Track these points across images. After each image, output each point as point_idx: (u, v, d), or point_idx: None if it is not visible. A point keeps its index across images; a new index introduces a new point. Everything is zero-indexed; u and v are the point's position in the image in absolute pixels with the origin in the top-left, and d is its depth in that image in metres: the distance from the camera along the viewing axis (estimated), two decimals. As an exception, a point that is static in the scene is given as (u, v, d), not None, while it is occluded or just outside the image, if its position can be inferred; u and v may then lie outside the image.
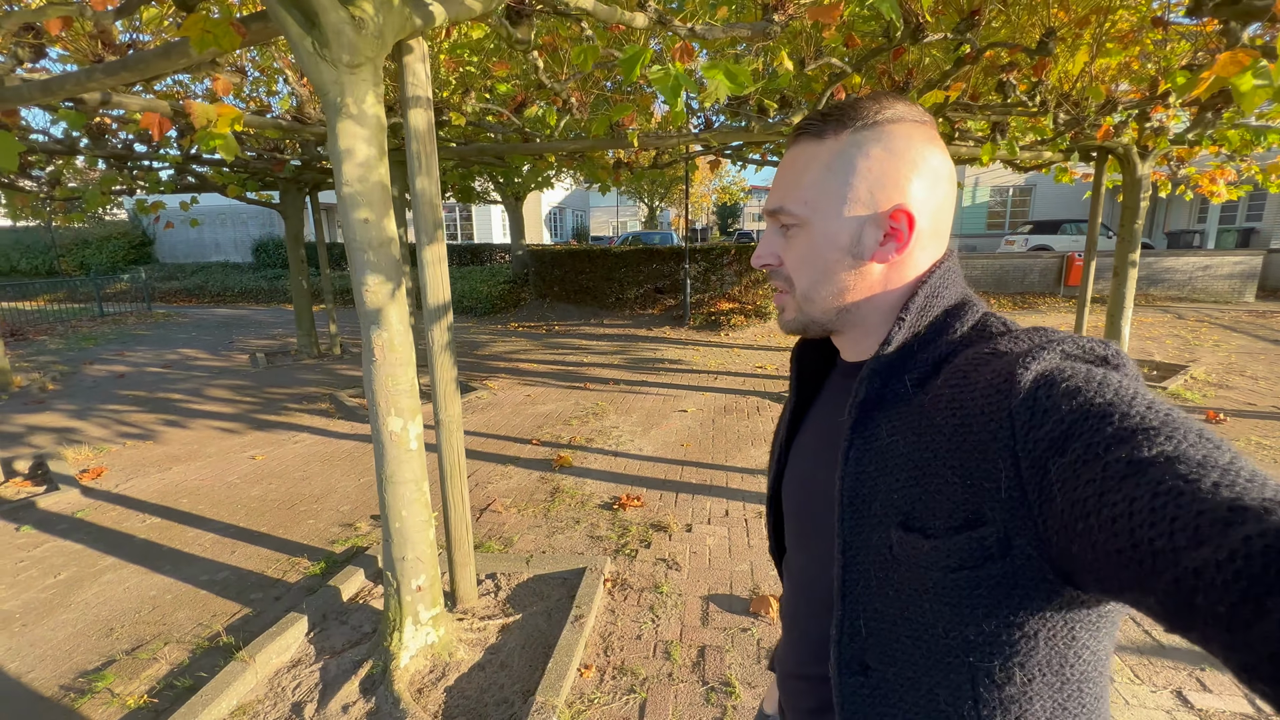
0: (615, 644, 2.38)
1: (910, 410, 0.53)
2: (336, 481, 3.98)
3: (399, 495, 2.14)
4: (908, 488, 0.50)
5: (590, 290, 10.75)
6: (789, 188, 0.60)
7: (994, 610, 0.46)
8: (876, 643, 0.53)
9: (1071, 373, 0.44)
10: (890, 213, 0.56)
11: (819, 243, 0.58)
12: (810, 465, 0.66)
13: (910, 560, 0.49)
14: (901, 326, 0.55)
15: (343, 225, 1.95)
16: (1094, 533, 0.38)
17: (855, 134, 0.56)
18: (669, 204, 31.75)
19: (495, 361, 7.80)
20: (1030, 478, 0.43)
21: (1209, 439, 0.38)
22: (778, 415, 4.94)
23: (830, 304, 0.60)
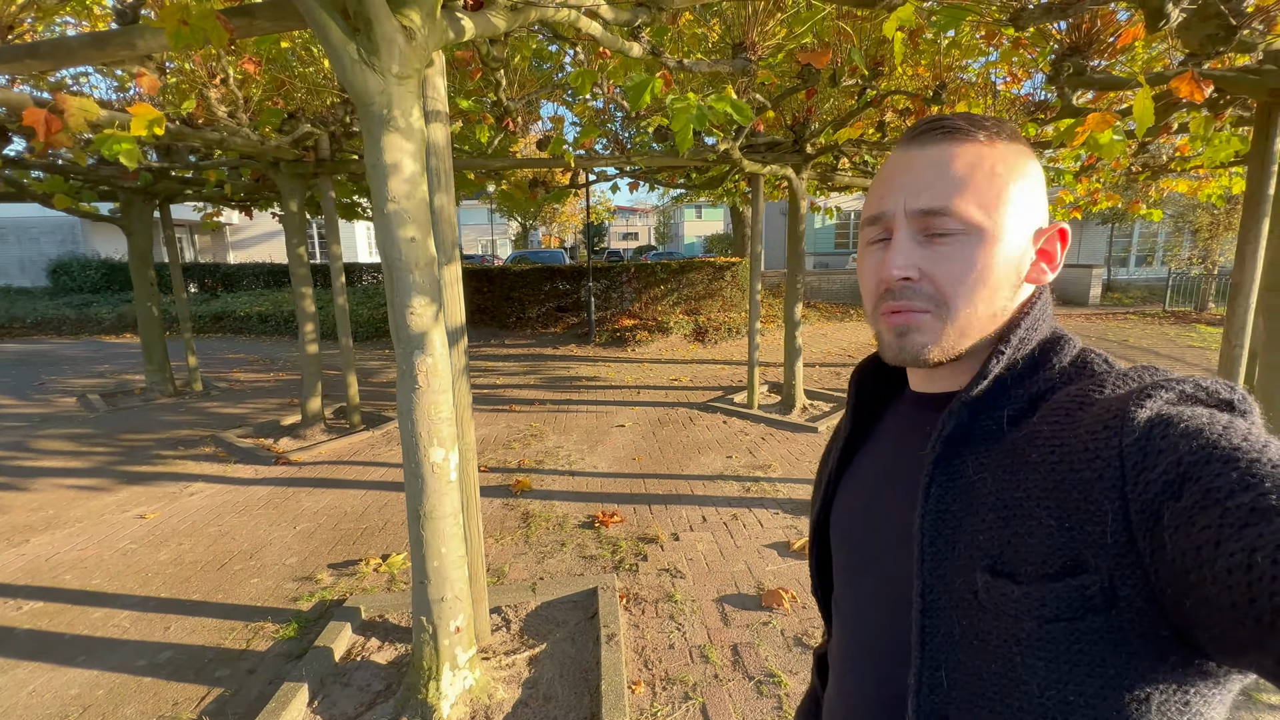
0: (652, 657, 2.40)
1: (1000, 448, 0.49)
2: (266, 533, 3.50)
3: (439, 531, 2.00)
4: (996, 529, 0.46)
5: (489, 310, 10.40)
6: (953, 188, 0.51)
7: (1096, 669, 0.42)
8: (960, 696, 0.48)
9: (1192, 415, 0.41)
10: (1050, 231, 0.53)
11: (997, 255, 0.51)
12: (870, 499, 0.62)
13: (999, 608, 0.45)
14: (1000, 360, 0.51)
15: (383, 244, 1.81)
16: (1208, 584, 0.35)
17: (1006, 142, 0.52)
18: (540, 223, 31.64)
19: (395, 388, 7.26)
20: (1140, 522, 0.39)
21: None
22: (709, 425, 5.27)
23: (981, 327, 0.53)
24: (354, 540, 3.40)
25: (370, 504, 3.89)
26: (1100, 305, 14.53)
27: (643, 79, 2.42)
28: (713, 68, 2.80)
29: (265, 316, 12.06)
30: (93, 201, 6.37)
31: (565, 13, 2.24)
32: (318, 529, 3.55)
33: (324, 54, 4.17)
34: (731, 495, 3.92)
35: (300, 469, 4.57)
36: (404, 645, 2.51)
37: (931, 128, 0.53)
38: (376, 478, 4.36)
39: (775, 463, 4.48)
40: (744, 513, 3.65)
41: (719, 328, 9.96)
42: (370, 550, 3.28)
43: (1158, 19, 2.16)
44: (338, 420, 5.87)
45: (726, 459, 4.61)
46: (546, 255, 14.99)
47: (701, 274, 10.50)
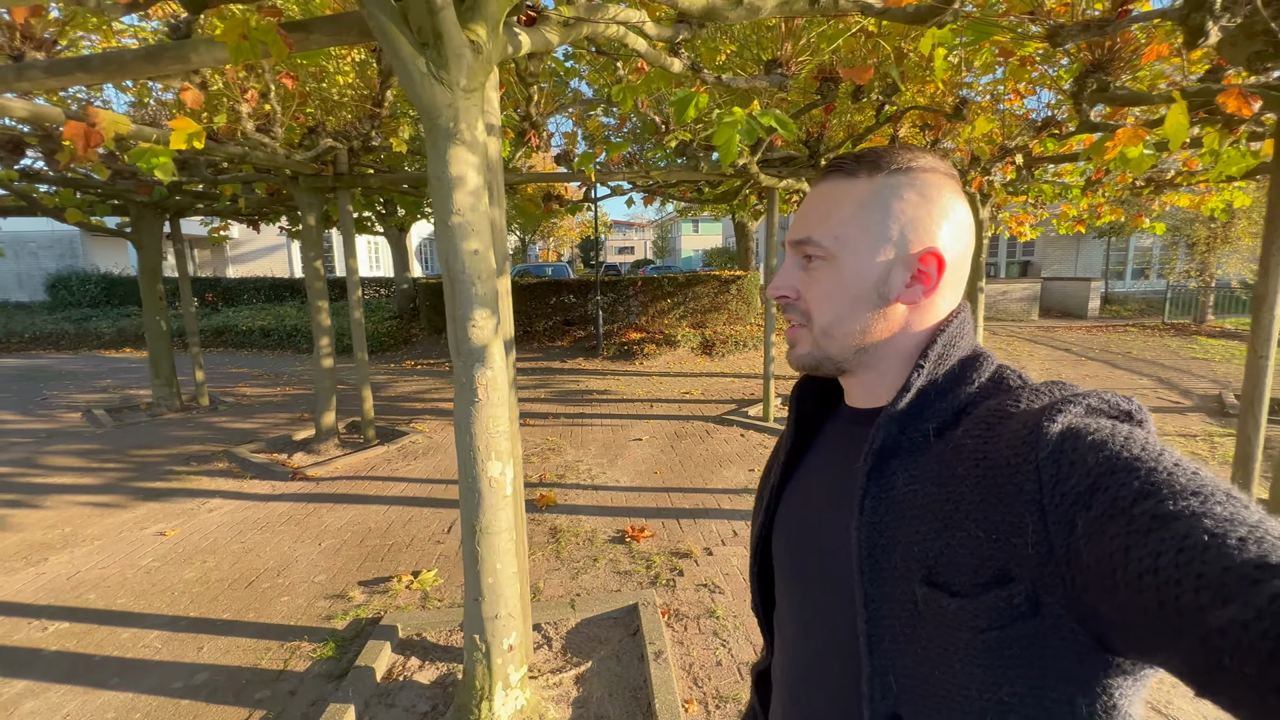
0: (700, 674, 2.36)
1: (928, 459, 0.52)
2: (291, 550, 3.44)
3: (495, 547, 1.97)
4: (929, 541, 0.49)
5: (495, 324, 10.40)
6: (818, 221, 0.58)
7: (1025, 672, 0.45)
8: (910, 698, 0.50)
9: (1097, 427, 0.44)
10: (921, 255, 0.56)
11: (846, 279, 0.57)
12: (810, 513, 0.64)
13: (937, 619, 0.48)
14: (920, 373, 0.54)
15: (446, 257, 1.80)
16: (1120, 590, 0.37)
17: (890, 176, 0.57)
18: (538, 237, 31.77)
19: (408, 403, 7.21)
20: (1057, 533, 0.42)
21: (1236, 497, 0.37)
22: (727, 438, 5.25)
23: (849, 342, 0.59)
24: (381, 557, 3.35)
25: (394, 520, 3.84)
26: (1100, 318, 14.66)
27: (687, 93, 2.42)
28: (750, 83, 2.83)
29: (268, 331, 11.99)
30: (104, 216, 6.34)
31: (614, 29, 2.27)
32: (343, 545, 3.49)
33: (338, 71, 4.19)
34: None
35: (318, 484, 4.51)
36: (445, 664, 2.46)
37: (828, 166, 0.60)
38: (397, 493, 4.31)
39: (799, 476, 4.46)
40: (774, 526, 3.62)
41: (726, 341, 9.97)
42: (399, 567, 3.22)
43: (1197, 36, 2.20)
44: (351, 435, 5.81)
45: (749, 472, 4.59)
46: (552, 270, 15.02)
47: (707, 287, 10.54)
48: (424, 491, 4.33)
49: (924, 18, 2.03)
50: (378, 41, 2.56)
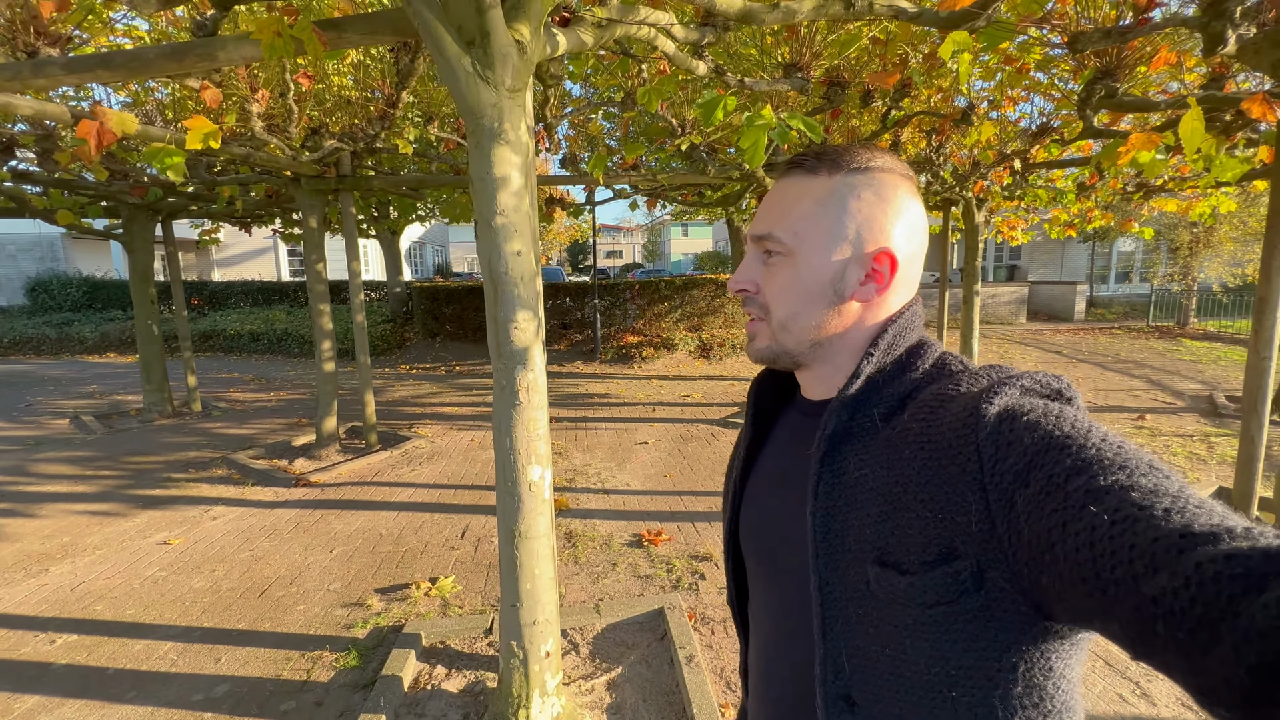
0: (732, 679, 2.35)
1: (877, 444, 0.53)
2: (302, 557, 3.37)
3: (534, 552, 1.95)
4: (880, 522, 0.50)
5: (492, 327, 10.33)
6: (778, 216, 0.60)
7: (972, 644, 0.47)
8: (861, 679, 0.52)
9: (1030, 407, 0.46)
10: (875, 254, 0.57)
11: (803, 275, 0.59)
12: (771, 503, 0.65)
13: (888, 597, 0.49)
14: (870, 361, 0.56)
15: (488, 258, 1.78)
16: (1060, 563, 0.39)
17: (848, 175, 0.58)
18: (529, 240, 31.58)
19: (407, 407, 7.13)
20: (998, 510, 0.43)
21: (1158, 468, 0.39)
22: (733, 441, 5.24)
23: (805, 336, 0.60)
24: (396, 564, 3.29)
25: (405, 526, 3.78)
26: (1086, 320, 14.93)
27: (714, 96, 2.43)
28: (772, 87, 2.84)
29: (256, 335, 11.80)
30: (95, 217, 6.21)
31: (646, 31, 2.26)
32: (355, 552, 3.43)
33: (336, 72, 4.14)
34: (773, 511, 3.90)
35: (323, 491, 4.44)
36: (473, 672, 2.42)
37: (790, 163, 0.61)
38: (404, 499, 4.25)
39: (809, 478, 4.47)
40: (790, 529, 3.63)
41: (723, 344, 10.00)
42: (416, 574, 3.17)
43: (1217, 43, 2.25)
44: (352, 440, 5.73)
45: (758, 475, 4.59)
46: (546, 273, 14.95)
47: (704, 291, 10.56)
48: (432, 497, 4.28)
49: (956, 22, 2.05)
50: (413, 39, 2.54)
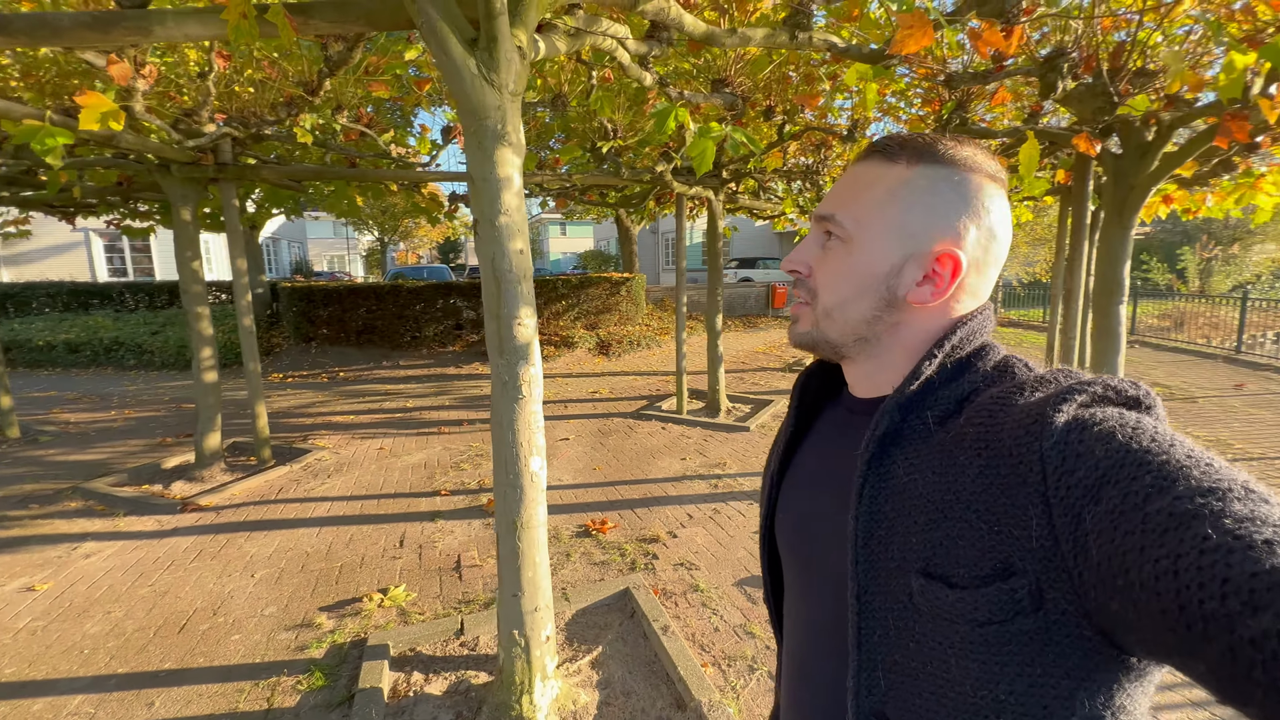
0: (704, 641, 2.57)
1: (930, 448, 0.50)
2: (218, 586, 3.05)
3: (534, 540, 2.02)
4: (928, 531, 0.47)
5: (380, 330, 9.64)
6: (846, 200, 0.57)
7: (1025, 669, 0.43)
8: (897, 696, 0.49)
9: (1104, 416, 0.42)
10: (938, 255, 0.54)
11: (858, 264, 0.56)
12: (811, 502, 0.63)
13: (933, 611, 0.46)
14: (931, 362, 0.53)
15: (491, 256, 1.82)
16: (1135, 590, 0.35)
17: (929, 167, 0.55)
18: (400, 237, 29.75)
19: (293, 419, 6.52)
20: (1063, 526, 0.40)
21: (1254, 491, 0.36)
22: (650, 432, 5.54)
23: (849, 330, 0.58)
24: (334, 580, 3.11)
25: (333, 541, 3.55)
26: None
27: (667, 107, 2.63)
28: (708, 100, 3.09)
29: (75, 345, 9.98)
30: None
31: (609, 42, 2.40)
32: (282, 574, 3.17)
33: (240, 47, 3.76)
34: (704, 493, 4.20)
35: (219, 514, 3.99)
36: (452, 673, 2.41)
37: (871, 146, 0.59)
38: (322, 514, 3.96)
39: (728, 460, 4.85)
40: (723, 507, 3.94)
41: (621, 341, 10.27)
42: (361, 587, 3.02)
43: (1050, 90, 2.87)
44: (238, 458, 5.16)
45: (682, 461, 4.88)
46: (429, 272, 14.19)
47: (599, 289, 10.75)
48: (354, 509, 4.03)
49: (874, 59, 2.42)
50: (385, 30, 2.43)
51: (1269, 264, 18.95)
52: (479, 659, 2.49)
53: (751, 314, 15.92)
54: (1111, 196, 3.63)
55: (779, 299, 15.73)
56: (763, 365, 9.36)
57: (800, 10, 2.29)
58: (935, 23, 1.71)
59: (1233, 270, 17.80)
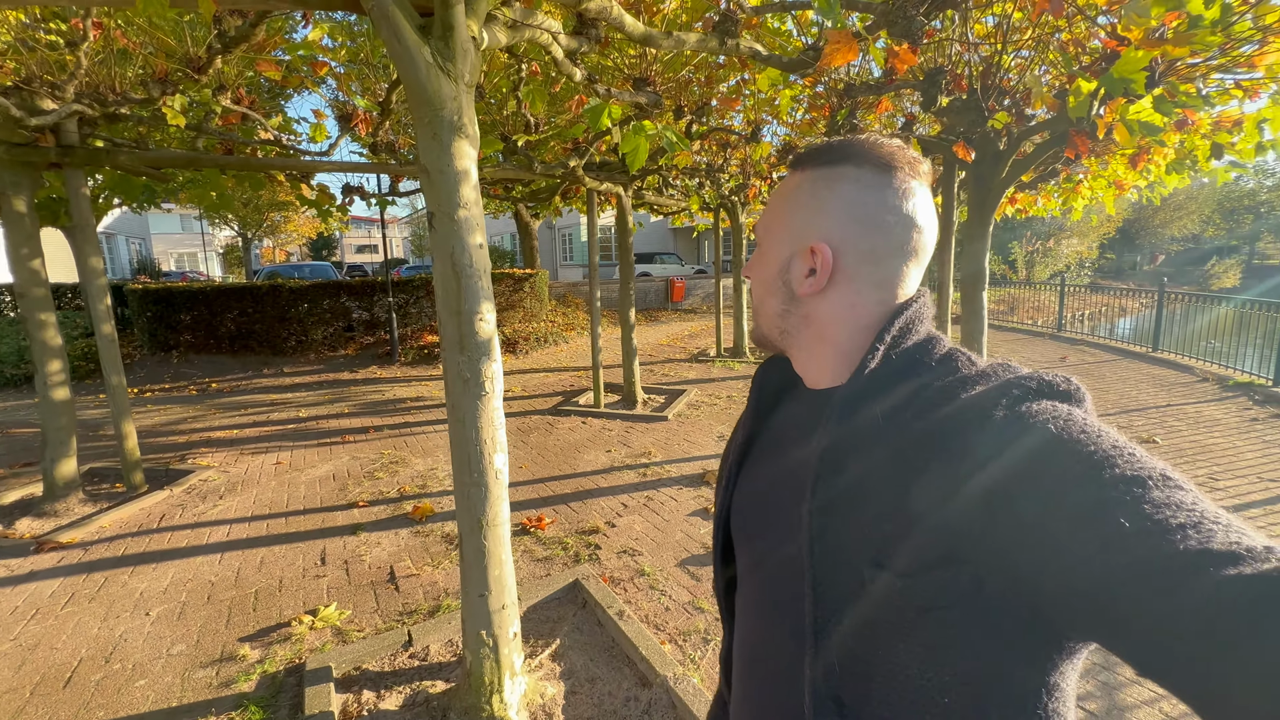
0: (657, 621, 2.68)
1: (880, 442, 0.52)
2: (105, 630, 2.67)
3: (500, 538, 2.00)
4: (879, 523, 0.49)
5: (257, 335, 8.69)
6: (764, 213, 0.65)
7: (967, 650, 0.46)
8: (850, 680, 0.51)
9: (1038, 410, 0.45)
10: (811, 248, 0.58)
11: (765, 265, 0.63)
12: (767, 493, 0.64)
13: (883, 599, 0.48)
14: (875, 355, 0.55)
15: (451, 251, 1.78)
16: (1066, 573, 0.38)
17: (815, 170, 0.59)
18: (265, 232, 26.91)
19: (163, 437, 5.76)
20: (1001, 515, 0.42)
21: (1172, 479, 0.39)
22: (571, 427, 5.59)
23: (770, 324, 0.64)
24: (251, 608, 2.84)
25: (240, 566, 3.22)
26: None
27: (600, 104, 2.68)
28: (633, 98, 3.17)
29: None
30: None
31: (545, 36, 2.40)
32: (184, 609, 2.84)
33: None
34: (634, 482, 4.30)
35: (86, 551, 3.47)
36: (406, 686, 2.31)
37: (791, 159, 0.65)
38: (220, 539, 3.58)
39: (653, 449, 4.99)
40: (655, 494, 4.07)
41: (527, 338, 10.10)
42: (286, 611, 2.79)
43: (931, 103, 3.27)
44: (99, 485, 4.49)
45: (607, 453, 4.95)
46: (311, 269, 12.94)
47: (502, 286, 10.49)
48: (259, 530, 3.68)
49: (794, 68, 2.63)
50: (306, 10, 2.25)
51: (1074, 256, 22.55)
52: (433, 668, 2.41)
53: (652, 308, 16.29)
54: (973, 197, 4.19)
55: (677, 293, 16.23)
56: (669, 357, 9.65)
57: (728, 18, 2.44)
58: (859, 39, 1.91)
59: (1050, 261, 20.97)
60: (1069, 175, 5.36)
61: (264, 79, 4.24)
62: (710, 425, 5.69)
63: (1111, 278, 31.96)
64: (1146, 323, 10.08)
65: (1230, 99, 3.15)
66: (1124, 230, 35.88)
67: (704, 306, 16.66)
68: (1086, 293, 13.33)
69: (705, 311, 15.84)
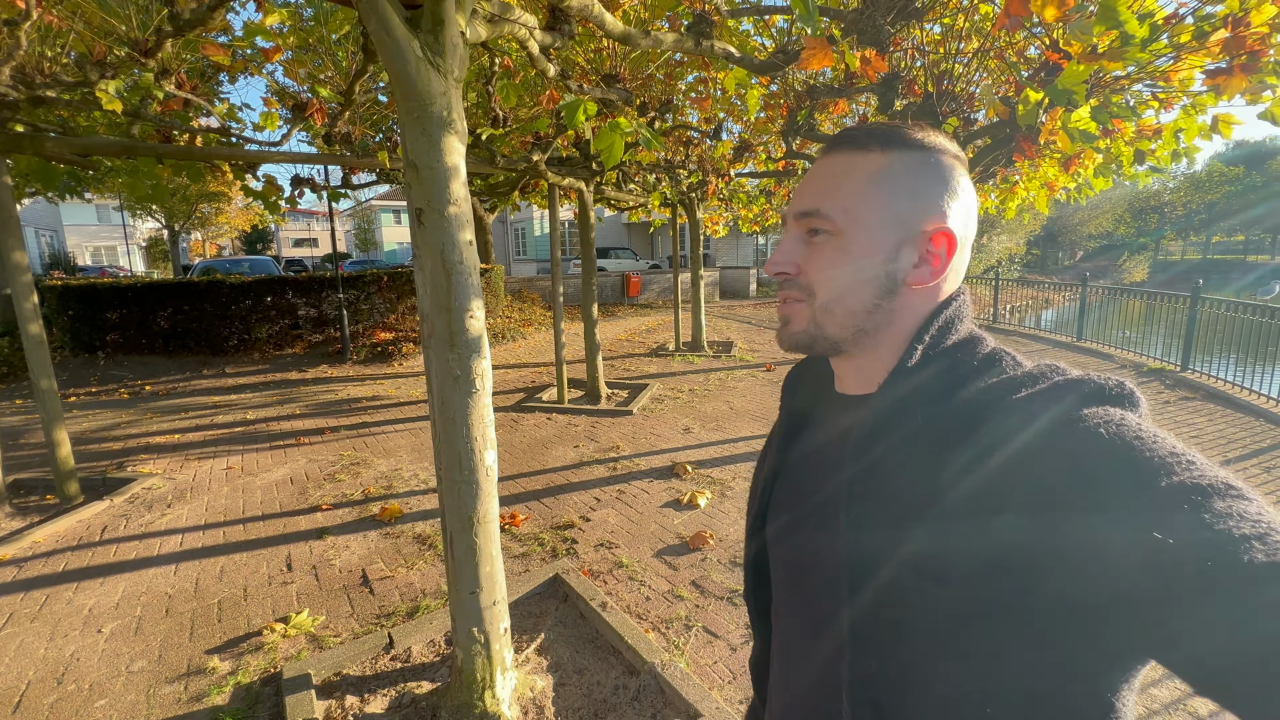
0: (639, 610, 2.73)
1: (919, 444, 0.50)
2: (54, 651, 2.51)
3: (490, 535, 2.01)
4: (917, 526, 0.48)
5: (194, 334, 8.19)
6: (828, 192, 0.56)
7: (1012, 663, 0.44)
8: (890, 686, 0.50)
9: (1091, 414, 0.43)
10: (932, 234, 0.55)
11: (854, 254, 0.55)
12: (804, 501, 0.63)
13: (923, 605, 0.47)
14: (913, 355, 0.53)
15: (441, 247, 1.77)
16: (1120, 583, 0.36)
17: (903, 153, 0.55)
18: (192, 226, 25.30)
19: (95, 444, 5.38)
20: (1051, 522, 0.41)
21: (1234, 487, 0.37)
22: (536, 424, 5.59)
23: (850, 322, 0.57)
24: (215, 619, 2.72)
25: (198, 577, 3.08)
26: (757, 297, 19.03)
27: (575, 100, 2.69)
28: (605, 94, 3.18)
29: None
30: None
31: (523, 31, 2.39)
32: (141, 623, 2.70)
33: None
34: (604, 476, 4.34)
35: (20, 568, 3.23)
36: (390, 688, 2.28)
37: (836, 139, 0.59)
38: (172, 549, 3.40)
39: (620, 443, 5.04)
40: (626, 487, 4.12)
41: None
42: (254, 620, 2.69)
43: (887, 106, 3.43)
44: (27, 498, 4.17)
45: (575, 449, 4.97)
46: (252, 265, 12.22)
47: (458, 281, 10.28)
48: (215, 539, 3.51)
49: (765, 70, 2.71)
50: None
51: (1005, 252, 23.94)
52: (417, 669, 2.39)
53: (609, 303, 16.31)
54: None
55: (633, 288, 16.31)
56: (629, 351, 9.71)
57: (704, 19, 2.49)
58: (833, 43, 2.00)
59: (983, 256, 22.19)
60: (1005, 176, 5.72)
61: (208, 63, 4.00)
62: (675, 419, 5.78)
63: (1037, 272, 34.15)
64: (1070, 314, 10.85)
65: (1147, 109, 3.46)
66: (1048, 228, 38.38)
67: (659, 301, 16.80)
68: (1017, 287, 14.19)
69: (661, 306, 15.97)
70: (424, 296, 1.83)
